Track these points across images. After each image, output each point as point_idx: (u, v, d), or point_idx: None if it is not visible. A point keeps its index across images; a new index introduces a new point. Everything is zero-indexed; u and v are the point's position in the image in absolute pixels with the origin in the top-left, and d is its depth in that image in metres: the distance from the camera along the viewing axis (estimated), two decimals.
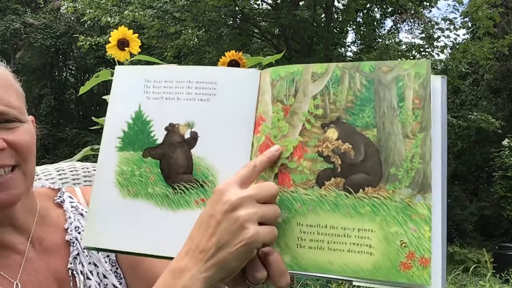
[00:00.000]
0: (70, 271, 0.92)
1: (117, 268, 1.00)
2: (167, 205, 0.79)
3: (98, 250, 0.83)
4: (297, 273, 0.72)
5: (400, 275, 0.67)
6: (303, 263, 0.71)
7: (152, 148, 0.81)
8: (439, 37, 11.02)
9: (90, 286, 0.93)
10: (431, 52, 11.29)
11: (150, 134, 0.81)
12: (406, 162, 0.70)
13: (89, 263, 0.96)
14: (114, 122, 0.83)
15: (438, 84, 0.73)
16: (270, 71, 0.79)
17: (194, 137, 0.80)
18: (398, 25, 15.70)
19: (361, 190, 0.71)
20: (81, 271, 0.93)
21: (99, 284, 0.95)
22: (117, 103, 0.84)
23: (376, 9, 13.24)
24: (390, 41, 13.06)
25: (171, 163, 0.80)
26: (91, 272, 0.95)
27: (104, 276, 0.96)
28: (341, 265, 0.70)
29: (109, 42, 0.92)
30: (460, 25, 11.02)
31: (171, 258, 0.75)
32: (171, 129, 0.81)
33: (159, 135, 0.81)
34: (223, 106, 0.80)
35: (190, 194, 0.78)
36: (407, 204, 0.68)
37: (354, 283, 0.70)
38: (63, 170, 1.10)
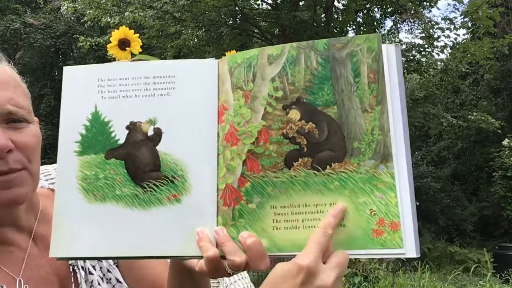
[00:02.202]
0: (71, 267, 0.93)
1: (117, 265, 1.01)
2: (138, 205, 0.77)
3: (70, 259, 0.82)
4: (276, 255, 0.73)
5: (373, 242, 0.70)
6: (280, 244, 0.73)
7: (114, 149, 0.79)
8: (439, 36, 11.01)
9: (92, 281, 0.94)
10: (431, 52, 11.28)
11: (110, 135, 0.79)
12: (367, 135, 0.72)
13: None
14: (70, 126, 0.80)
15: (392, 53, 0.74)
16: (227, 59, 0.79)
17: (158, 134, 0.78)
18: (398, 25, 15.70)
19: (328, 166, 0.73)
20: (82, 267, 0.94)
21: (102, 279, 0.96)
22: (71, 106, 0.81)
23: (376, 9, 13.24)
24: (390, 41, 13.06)
25: (137, 162, 0.78)
26: (93, 267, 0.96)
27: (108, 271, 0.97)
28: None
29: (109, 42, 0.91)
30: (460, 24, 11.00)
31: (150, 258, 0.76)
32: (133, 127, 0.79)
33: (121, 135, 0.79)
34: (184, 99, 0.79)
35: (161, 191, 0.77)
36: (372, 174, 0.72)
37: None
38: None
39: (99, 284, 0.95)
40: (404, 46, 11.41)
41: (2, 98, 0.83)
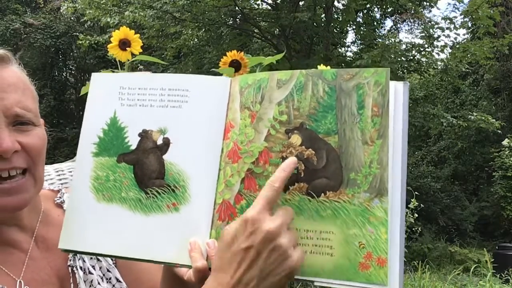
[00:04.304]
0: (70, 268, 0.94)
1: (115, 265, 1.01)
2: (140, 209, 0.80)
3: (75, 252, 0.86)
4: None
5: (358, 275, 0.70)
6: None
7: (126, 154, 0.83)
8: (439, 36, 10.99)
9: (92, 280, 0.95)
10: (431, 52, 11.27)
11: (124, 140, 0.83)
12: (364, 168, 0.72)
13: (91, 258, 0.97)
14: (90, 128, 0.85)
15: (400, 90, 0.74)
16: (239, 79, 0.81)
17: (166, 143, 0.82)
18: (398, 25, 15.70)
19: (322, 194, 0.73)
20: (81, 267, 0.94)
21: (102, 278, 0.96)
22: (93, 110, 0.86)
23: (376, 9, 13.23)
24: (391, 40, 13.04)
25: (144, 168, 0.81)
26: (93, 266, 0.97)
27: (108, 270, 0.98)
28: (303, 266, 0.72)
29: (109, 41, 0.92)
30: (460, 24, 10.97)
31: (143, 260, 0.79)
32: (144, 135, 0.83)
33: (133, 141, 0.83)
34: (194, 113, 0.82)
35: (162, 199, 0.80)
36: (365, 207, 0.71)
37: (315, 284, 0.72)
38: (62, 170, 1.11)
39: (99, 283, 0.96)
40: (404, 46, 11.40)
41: (10, 100, 0.84)
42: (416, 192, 6.71)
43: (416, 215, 6.60)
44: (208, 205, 0.78)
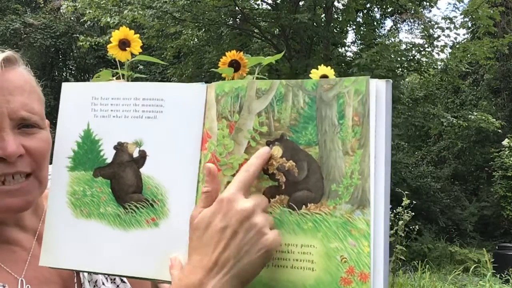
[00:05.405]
0: None
1: None
2: (119, 225, 0.79)
3: (58, 269, 0.84)
4: None
5: None
6: None
7: (102, 168, 0.80)
8: (439, 36, 10.99)
9: (96, 280, 0.95)
10: (431, 51, 11.27)
11: (99, 153, 0.81)
12: (346, 179, 0.70)
13: None
14: (64, 141, 0.83)
15: (382, 90, 0.71)
16: (215, 86, 0.78)
17: (143, 156, 0.79)
18: (398, 25, 15.71)
19: (304, 206, 0.71)
20: None
21: (106, 279, 0.97)
22: (66, 122, 0.84)
23: (376, 9, 13.23)
24: (391, 40, 13.06)
25: (121, 182, 0.80)
26: None
27: None
28: (284, 281, 0.70)
29: (109, 42, 0.91)
30: (460, 24, 10.98)
31: (125, 277, 0.78)
32: (120, 148, 0.80)
33: (109, 154, 0.81)
34: (170, 123, 0.79)
35: (140, 214, 0.78)
36: (346, 219, 0.69)
37: None
38: None
39: (103, 284, 0.96)
40: (404, 46, 11.40)
41: (16, 103, 0.83)
42: (406, 192, 6.64)
43: (412, 213, 6.51)
44: (188, 219, 0.75)
